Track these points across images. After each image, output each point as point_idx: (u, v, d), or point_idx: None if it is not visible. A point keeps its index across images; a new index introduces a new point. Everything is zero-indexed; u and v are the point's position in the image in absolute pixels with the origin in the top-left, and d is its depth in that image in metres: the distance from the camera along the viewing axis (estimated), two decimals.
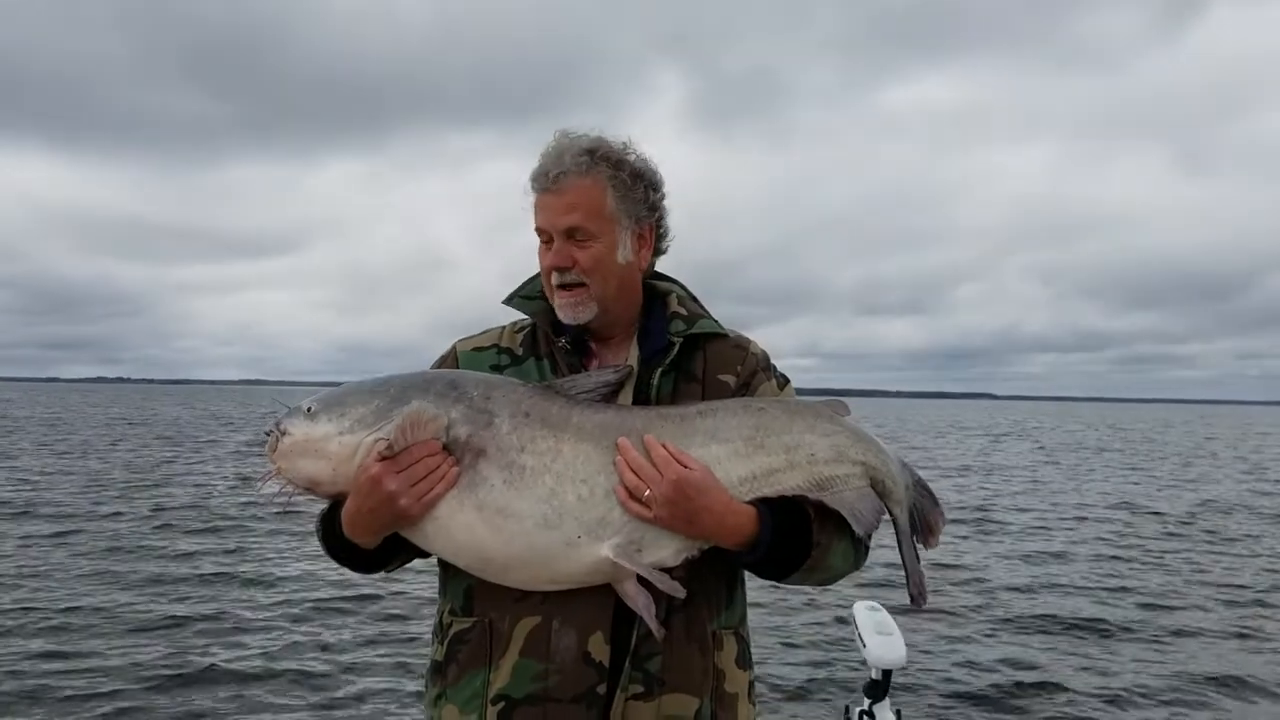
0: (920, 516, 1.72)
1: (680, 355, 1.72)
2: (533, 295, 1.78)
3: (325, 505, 1.66)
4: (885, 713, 3.05)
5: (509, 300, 1.79)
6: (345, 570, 1.71)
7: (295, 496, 1.62)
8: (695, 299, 1.84)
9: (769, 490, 1.59)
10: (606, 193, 1.65)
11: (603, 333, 1.74)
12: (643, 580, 1.54)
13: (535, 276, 1.81)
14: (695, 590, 1.60)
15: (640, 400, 1.68)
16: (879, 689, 3.06)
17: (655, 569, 1.53)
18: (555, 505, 1.52)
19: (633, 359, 1.73)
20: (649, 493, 1.51)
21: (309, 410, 1.58)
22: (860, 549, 1.67)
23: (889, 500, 1.67)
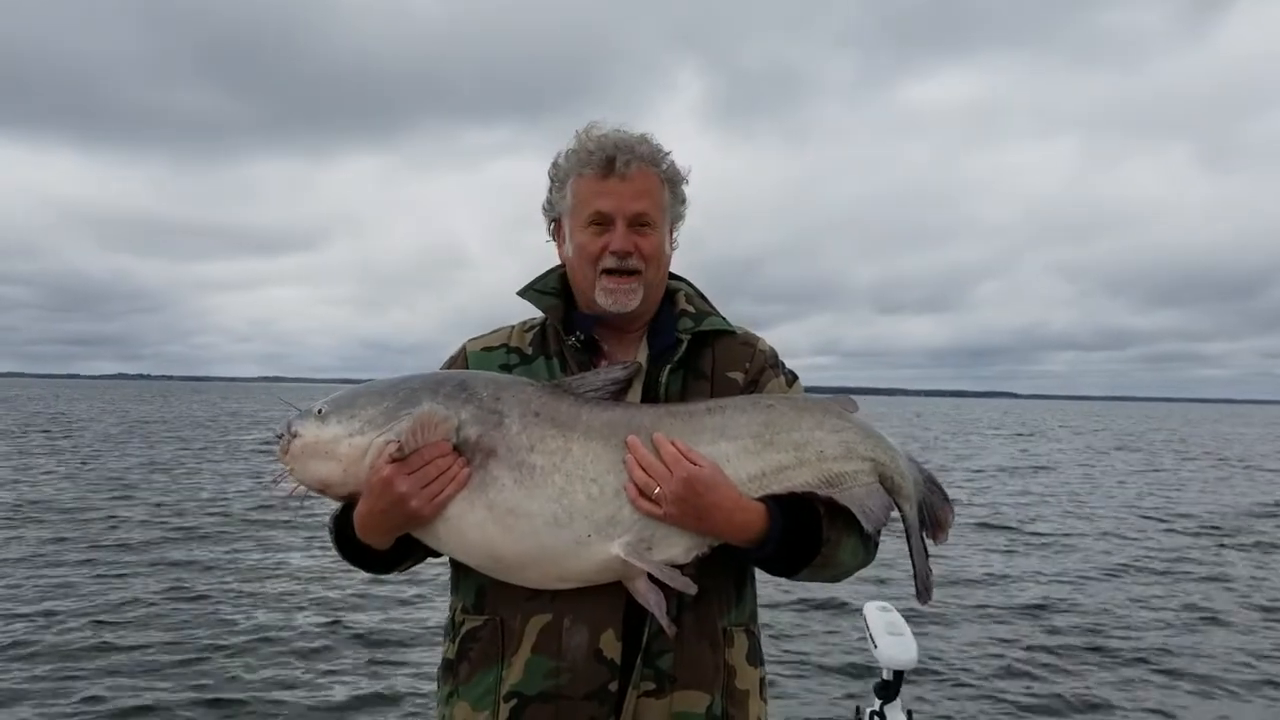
0: (930, 512, 1.73)
1: (689, 353, 1.73)
2: (547, 290, 1.78)
3: (338, 506, 1.67)
4: (896, 713, 3.05)
5: (523, 292, 1.79)
6: (357, 569, 1.72)
7: (307, 498, 1.63)
8: (703, 297, 1.85)
9: (778, 487, 1.59)
10: (664, 187, 1.71)
11: (623, 326, 1.75)
12: (653, 578, 1.54)
13: (549, 272, 1.81)
14: (706, 587, 1.60)
15: (649, 398, 1.68)
16: (890, 689, 3.06)
17: (666, 566, 1.54)
18: (565, 504, 1.53)
19: (642, 357, 1.73)
20: (659, 490, 1.52)
21: (320, 412, 1.59)
22: (870, 545, 1.67)
23: (898, 496, 1.68)
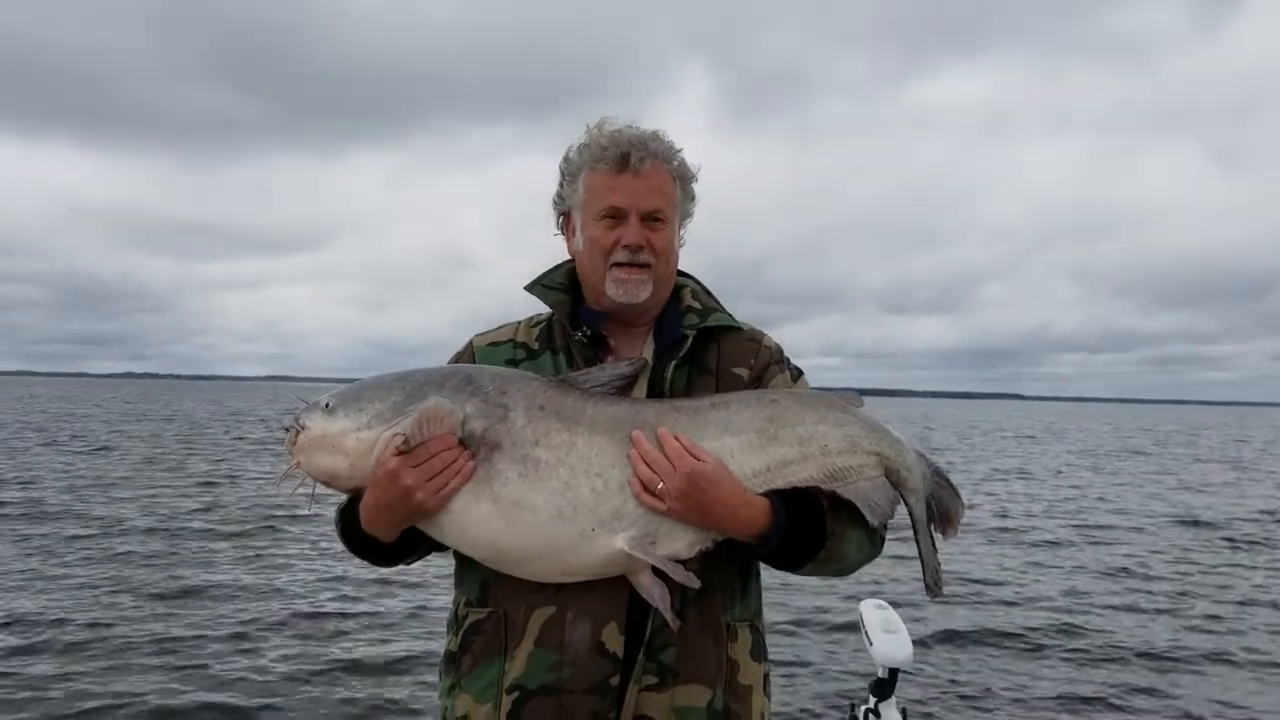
0: (939, 506, 1.73)
1: (694, 348, 1.74)
2: (554, 285, 1.79)
3: (344, 499, 1.68)
4: (891, 711, 3.05)
5: (530, 287, 1.80)
6: (361, 561, 1.73)
7: (314, 491, 1.64)
8: (709, 293, 1.86)
9: (782, 482, 1.60)
10: (676, 184, 1.73)
11: (630, 321, 1.76)
12: (657, 571, 1.55)
13: (557, 267, 1.83)
14: (710, 582, 1.61)
15: (655, 393, 1.69)
16: (885, 687, 3.06)
17: (669, 561, 1.55)
18: (570, 498, 1.54)
19: (648, 352, 1.75)
20: (662, 485, 1.52)
21: (327, 406, 1.60)
22: (876, 539, 1.68)
23: (904, 490, 1.68)
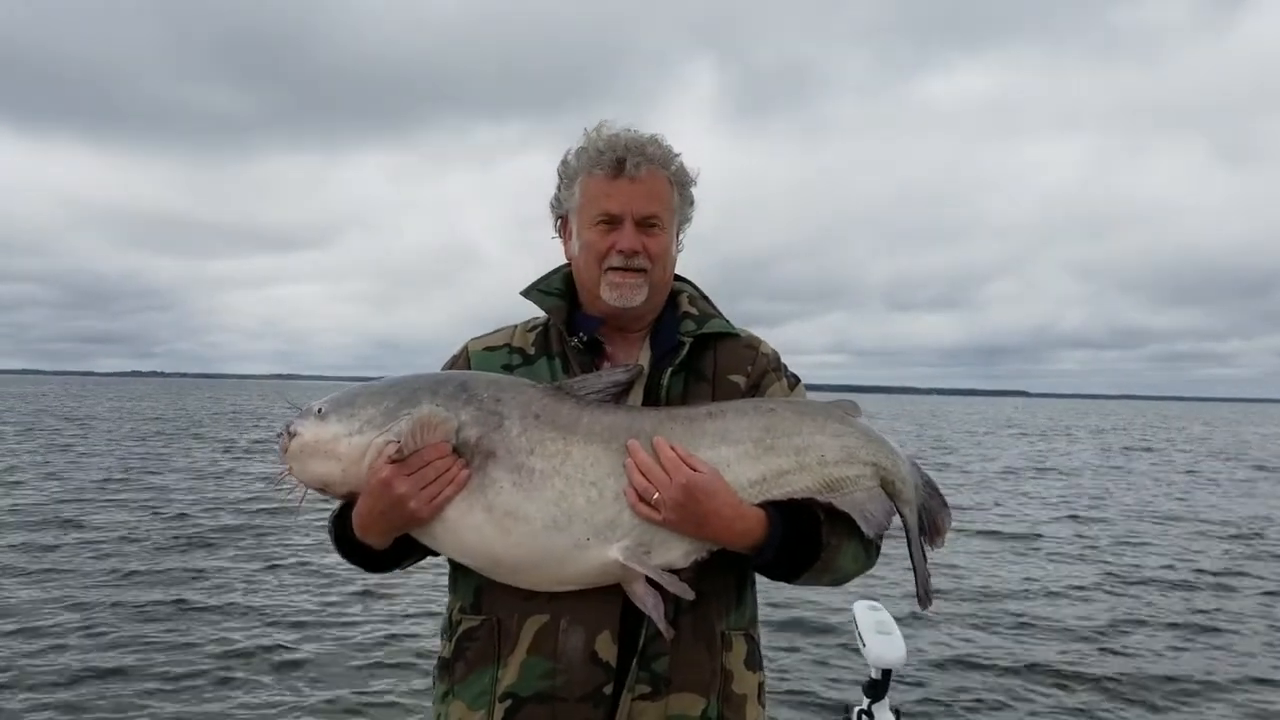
0: (928, 517, 1.73)
1: (691, 355, 1.73)
2: (551, 291, 1.78)
3: (337, 505, 1.67)
4: (884, 712, 3.06)
5: (527, 292, 1.79)
6: (355, 568, 1.72)
7: (305, 496, 1.63)
8: (706, 298, 1.85)
9: (778, 492, 1.59)
10: (673, 189, 1.72)
11: (626, 327, 1.75)
12: (652, 581, 1.54)
13: (554, 272, 1.82)
14: (705, 591, 1.60)
15: (650, 400, 1.68)
16: (878, 688, 3.07)
17: (664, 571, 1.54)
18: (564, 507, 1.53)
19: (644, 359, 1.74)
20: (658, 495, 1.51)
21: (319, 411, 1.59)
22: (871, 549, 1.68)
23: (899, 501, 1.68)
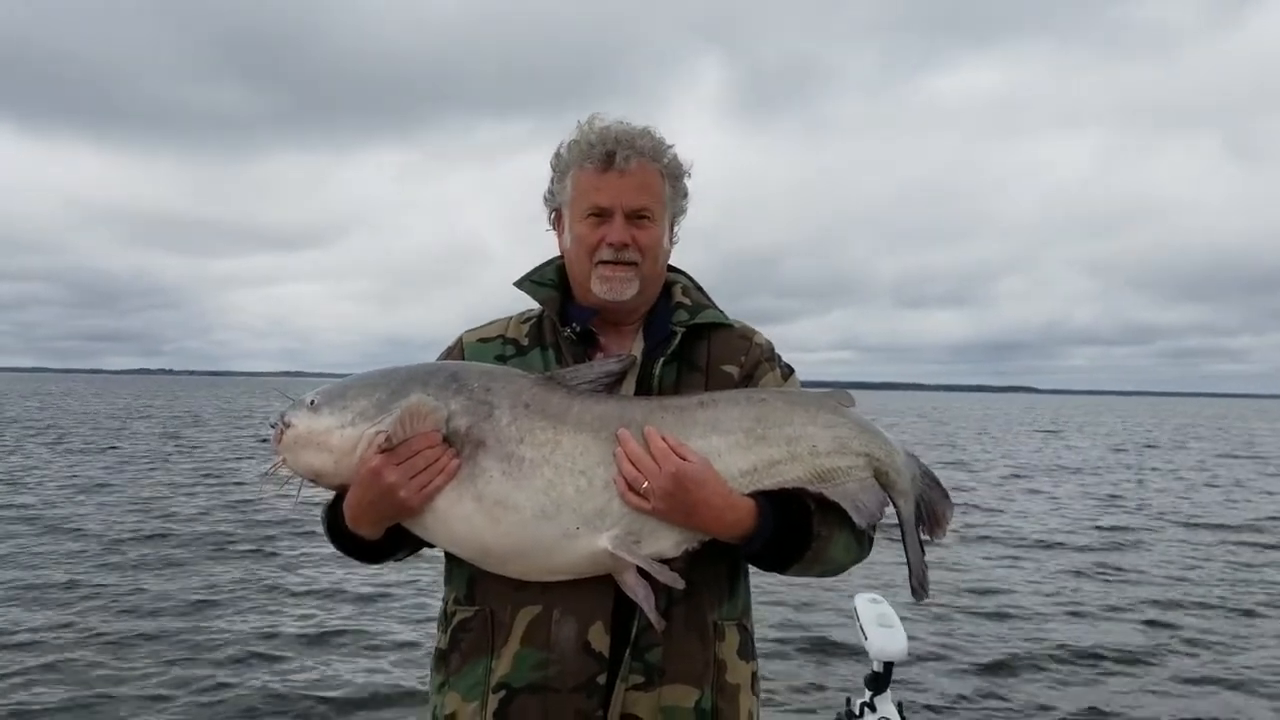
0: (928, 508, 1.72)
1: (684, 345, 1.73)
2: (544, 282, 1.79)
3: (330, 496, 1.67)
4: (886, 705, 3.06)
5: (520, 282, 1.80)
6: (348, 559, 1.73)
7: (301, 488, 1.64)
8: (701, 289, 1.85)
9: (770, 483, 1.59)
10: (664, 181, 1.71)
11: (619, 319, 1.75)
12: (642, 571, 1.54)
13: (548, 263, 1.82)
14: (696, 581, 1.60)
15: (643, 390, 1.68)
16: (880, 681, 3.07)
17: (654, 560, 1.54)
18: (553, 497, 1.53)
19: (637, 349, 1.74)
20: (647, 485, 1.51)
21: (312, 403, 1.60)
22: (864, 540, 1.67)
23: (893, 491, 1.67)
